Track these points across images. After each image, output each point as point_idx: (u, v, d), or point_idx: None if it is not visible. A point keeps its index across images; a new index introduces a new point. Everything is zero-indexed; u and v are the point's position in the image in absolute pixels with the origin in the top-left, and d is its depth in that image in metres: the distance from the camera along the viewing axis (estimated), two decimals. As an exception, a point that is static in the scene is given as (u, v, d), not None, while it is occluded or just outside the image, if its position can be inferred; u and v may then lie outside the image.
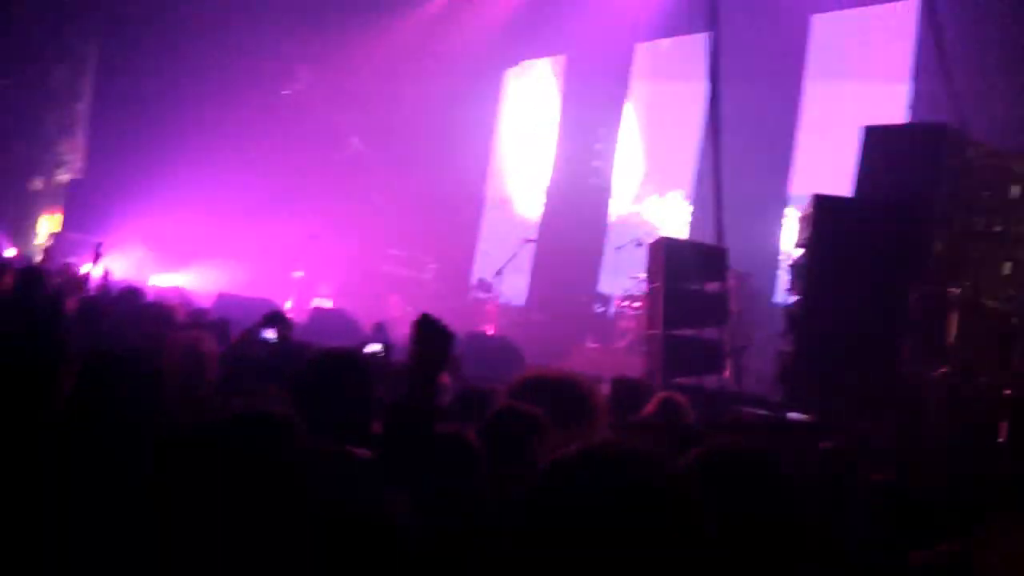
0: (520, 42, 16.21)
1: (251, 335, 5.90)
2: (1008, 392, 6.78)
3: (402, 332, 10.25)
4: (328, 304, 12.87)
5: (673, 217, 14.29)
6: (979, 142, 7.52)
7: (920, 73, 11.37)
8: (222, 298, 10.42)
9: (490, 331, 12.35)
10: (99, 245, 9.87)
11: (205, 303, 9.78)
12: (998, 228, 7.38)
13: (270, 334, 5.89)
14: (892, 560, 2.78)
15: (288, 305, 11.63)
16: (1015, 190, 7.47)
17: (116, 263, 11.20)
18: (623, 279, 13.19)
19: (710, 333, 8.30)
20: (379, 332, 8.58)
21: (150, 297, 8.23)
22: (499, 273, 13.11)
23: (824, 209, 7.03)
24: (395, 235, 14.85)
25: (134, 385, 2.83)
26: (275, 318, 6.12)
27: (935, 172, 7.22)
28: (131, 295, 7.54)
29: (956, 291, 7.01)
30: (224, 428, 1.74)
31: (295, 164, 15.08)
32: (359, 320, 10.08)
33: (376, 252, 14.77)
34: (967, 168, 7.31)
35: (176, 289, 11.34)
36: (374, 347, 6.56)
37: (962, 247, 7.16)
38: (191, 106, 14.83)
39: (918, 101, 11.31)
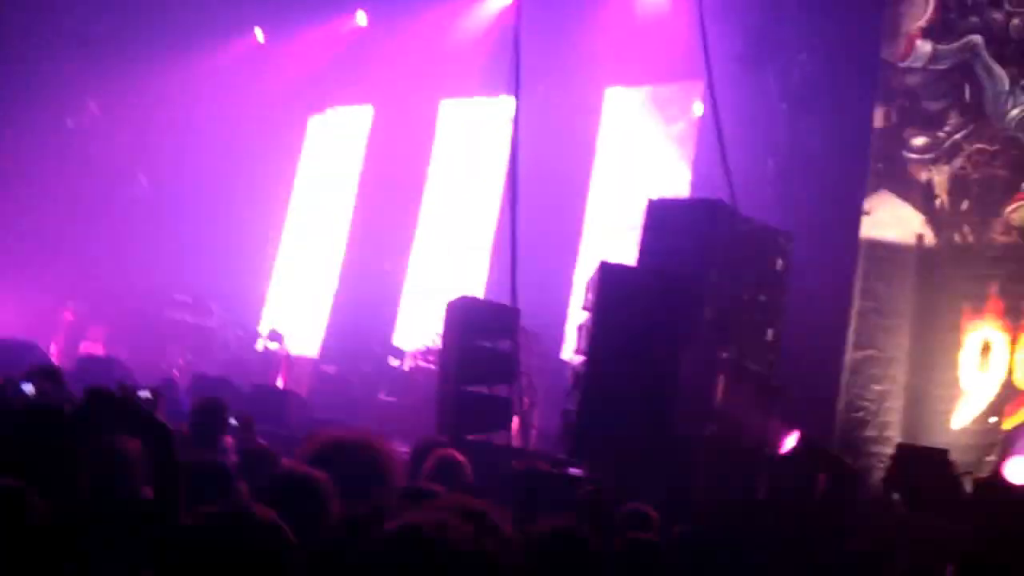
0: (327, 88, 16.11)
1: (9, 388, 5.38)
2: (765, 451, 7.28)
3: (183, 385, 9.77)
4: (98, 351, 12.07)
5: (470, 274, 14.47)
6: (749, 218, 8.10)
7: (702, 150, 12.20)
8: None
9: (279, 384, 11.99)
10: None
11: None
12: (763, 298, 7.95)
13: (28, 388, 5.36)
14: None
15: (52, 350, 10.81)
16: (779, 263, 8.10)
17: None
18: (418, 332, 13.20)
19: (500, 390, 8.41)
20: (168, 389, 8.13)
21: None
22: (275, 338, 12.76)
23: (608, 275, 7.34)
24: (181, 279, 14.20)
25: None
26: (43, 372, 5.62)
27: (708, 244, 7.71)
28: None
29: (724, 355, 7.48)
30: None
31: (73, 196, 14.19)
32: (132, 370, 9.50)
33: (159, 296, 14.05)
34: (737, 241, 7.86)
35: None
36: (144, 393, 6.19)
37: (730, 315, 7.66)
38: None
39: (697, 177, 12.11)
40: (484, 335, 8.48)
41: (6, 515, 1.73)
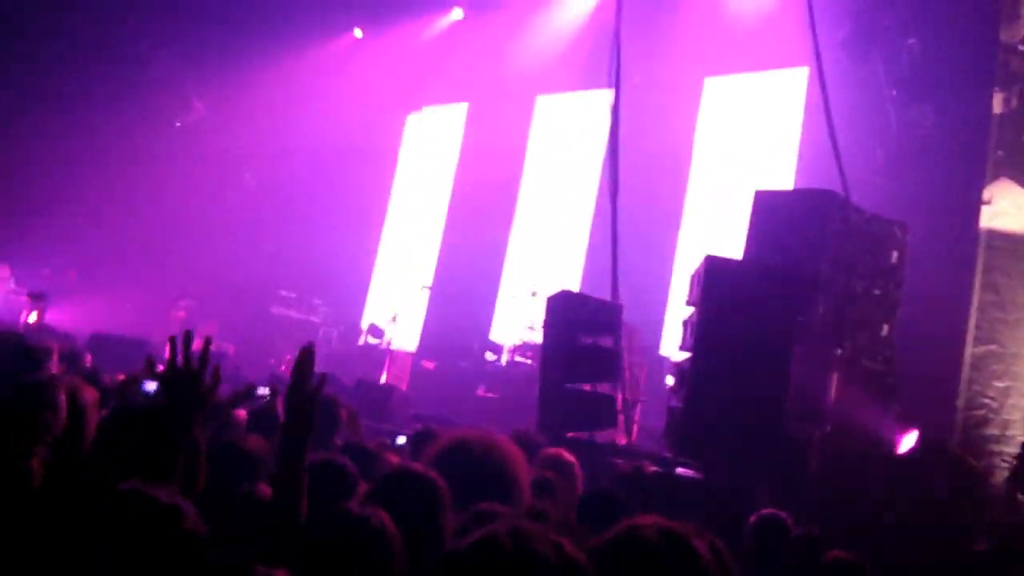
0: (423, 87, 16.25)
1: (130, 387, 5.53)
2: (883, 450, 7.03)
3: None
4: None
5: (566, 269, 14.41)
6: (862, 209, 7.82)
7: (807, 139, 11.86)
8: (96, 338, 9.91)
9: (381, 378, 12.15)
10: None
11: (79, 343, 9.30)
12: (877, 291, 7.66)
13: (152, 386, 5.50)
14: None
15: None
16: (894, 255, 7.79)
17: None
18: (516, 328, 13.20)
19: (603, 387, 8.32)
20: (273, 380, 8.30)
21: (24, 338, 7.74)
22: (394, 320, 12.92)
23: (714, 269, 7.17)
24: (286, 275, 14.53)
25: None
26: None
27: (819, 236, 7.46)
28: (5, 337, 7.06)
29: (837, 352, 7.24)
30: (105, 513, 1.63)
31: (182, 196, 14.65)
32: (242, 365, 9.75)
33: (266, 292, 14.41)
34: (849, 233, 7.59)
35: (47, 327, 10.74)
36: (263, 390, 6.29)
37: (843, 310, 7.40)
38: (75, 133, 14.27)
39: (803, 167, 11.78)
40: (586, 331, 8.40)
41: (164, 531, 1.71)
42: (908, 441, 7.03)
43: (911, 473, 6.78)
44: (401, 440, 6.69)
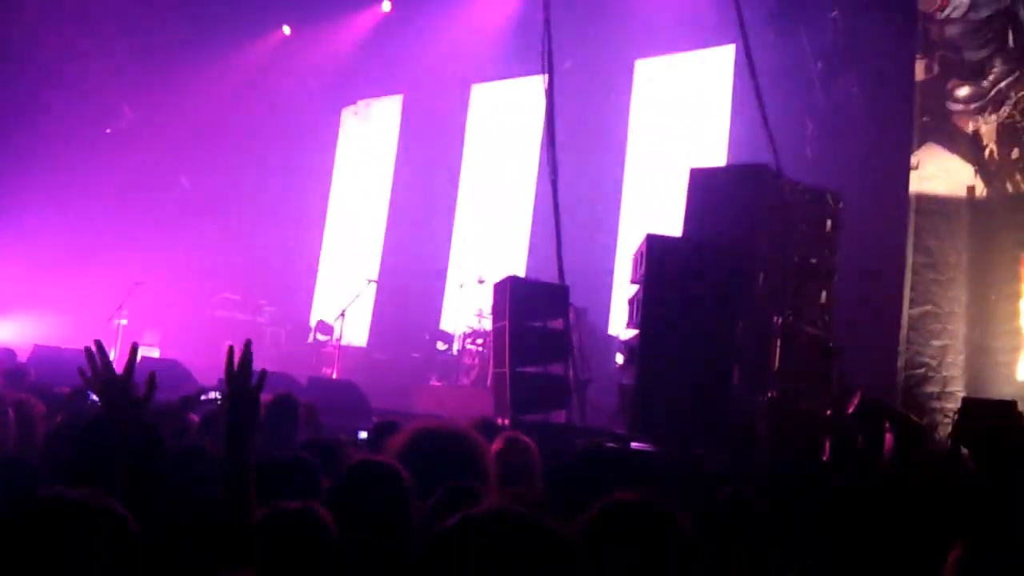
0: (357, 80, 16.16)
1: (77, 398, 5.49)
2: (828, 412, 7.23)
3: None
4: (155, 353, 12.26)
5: (511, 255, 14.48)
6: (794, 181, 8.01)
7: (738, 115, 12.08)
8: (39, 351, 9.72)
9: (332, 374, 12.12)
10: None
11: (21, 357, 9.12)
12: (814, 260, 7.87)
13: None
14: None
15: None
16: (828, 224, 8.01)
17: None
18: (465, 316, 13.26)
19: (555, 369, 8.43)
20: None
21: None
22: (342, 315, 12.88)
23: (656, 248, 7.30)
24: (229, 278, 14.38)
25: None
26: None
27: (755, 210, 7.63)
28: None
29: (778, 320, 7.43)
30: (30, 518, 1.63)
31: (118, 205, 14.39)
32: (192, 369, 9.64)
33: (209, 296, 14.25)
34: (784, 204, 7.77)
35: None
36: (212, 394, 6.24)
37: (782, 279, 7.59)
38: (3, 144, 13.92)
39: (734, 143, 12.00)
40: (535, 314, 8.49)
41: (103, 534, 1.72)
42: (852, 402, 7.24)
43: (857, 433, 6.99)
44: (362, 435, 6.70)
